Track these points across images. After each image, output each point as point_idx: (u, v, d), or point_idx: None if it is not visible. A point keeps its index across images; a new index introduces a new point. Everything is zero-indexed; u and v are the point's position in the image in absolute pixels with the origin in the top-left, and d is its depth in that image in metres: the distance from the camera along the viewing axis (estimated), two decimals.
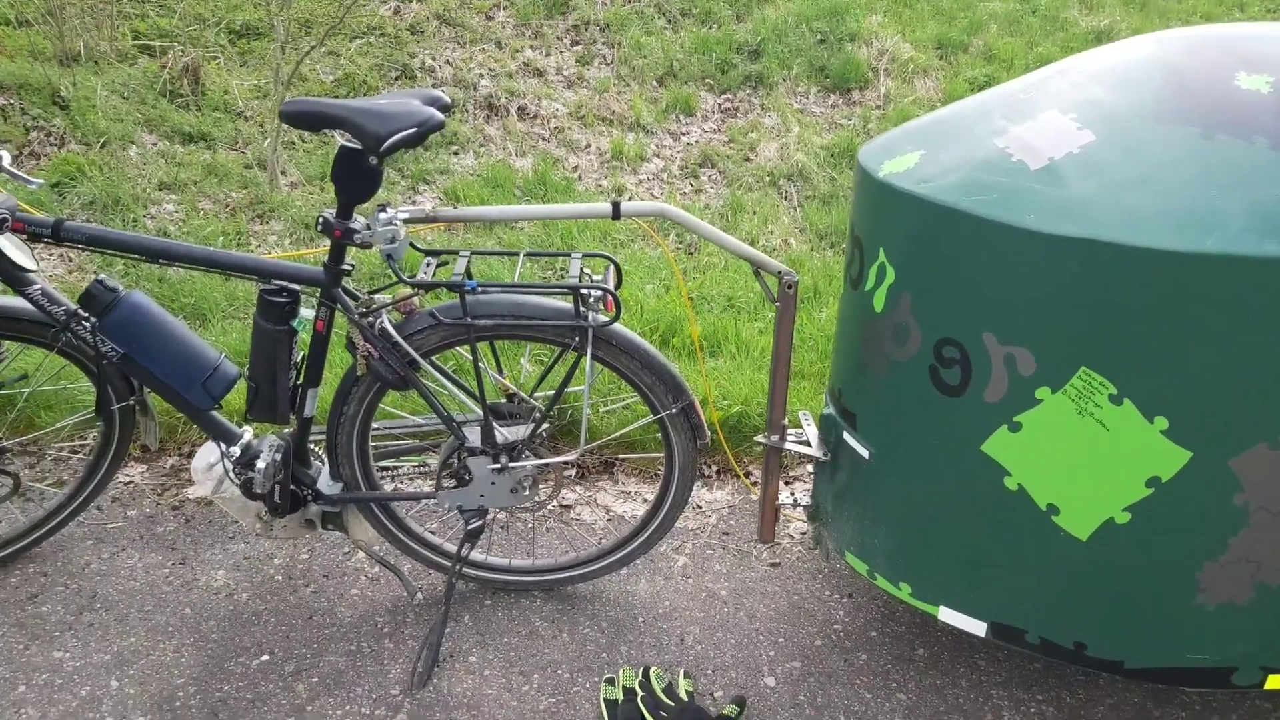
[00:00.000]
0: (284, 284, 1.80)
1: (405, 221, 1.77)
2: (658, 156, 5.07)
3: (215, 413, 1.94)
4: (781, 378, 1.98)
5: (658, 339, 3.18)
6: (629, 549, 2.13)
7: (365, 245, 1.75)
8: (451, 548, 2.12)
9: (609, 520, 2.44)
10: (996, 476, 1.68)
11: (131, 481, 2.48)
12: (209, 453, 1.97)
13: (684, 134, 5.28)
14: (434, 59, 5.52)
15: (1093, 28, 5.96)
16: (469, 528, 1.98)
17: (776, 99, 5.45)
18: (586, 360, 1.85)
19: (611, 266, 1.89)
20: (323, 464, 2.04)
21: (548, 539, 2.36)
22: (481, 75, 5.47)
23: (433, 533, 2.16)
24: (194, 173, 4.42)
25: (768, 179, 4.81)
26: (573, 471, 2.60)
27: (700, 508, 2.50)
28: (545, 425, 1.96)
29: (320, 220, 1.75)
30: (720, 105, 5.51)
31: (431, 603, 2.12)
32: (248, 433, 1.98)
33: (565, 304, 1.85)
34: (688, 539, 2.37)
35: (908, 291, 1.73)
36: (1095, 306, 1.51)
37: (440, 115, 1.68)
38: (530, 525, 2.40)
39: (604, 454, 2.65)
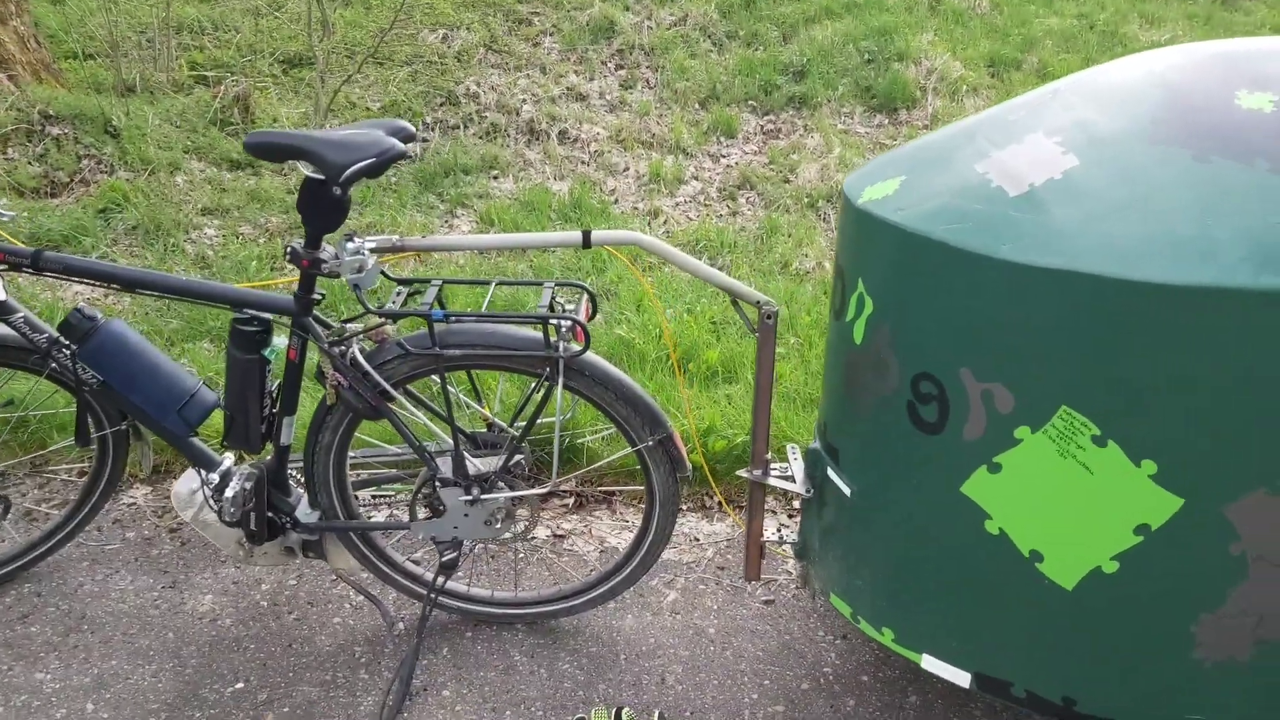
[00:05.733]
0: (256, 313, 1.81)
1: (372, 251, 1.76)
2: (696, 179, 5.03)
3: (195, 439, 1.95)
4: (763, 410, 1.91)
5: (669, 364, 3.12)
6: (612, 583, 2.07)
7: (333, 275, 1.75)
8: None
9: (600, 552, 2.39)
10: (977, 519, 1.59)
11: (134, 503, 2.51)
12: (190, 479, 1.98)
13: (724, 156, 5.23)
14: (478, 85, 5.58)
15: (1153, 43, 5.75)
16: (443, 559, 1.94)
17: (820, 120, 5.37)
18: (558, 391, 1.81)
19: (585, 296, 1.85)
20: (303, 492, 2.03)
21: (536, 570, 2.31)
22: (524, 100, 5.50)
23: (415, 562, 2.14)
24: (237, 198, 4.53)
25: (806, 201, 4.73)
26: (570, 501, 2.56)
27: (698, 540, 2.43)
28: (519, 456, 1.92)
29: (288, 250, 1.75)
30: (763, 127, 5.45)
31: (412, 634, 2.09)
32: (228, 460, 1.98)
33: (537, 333, 1.81)
34: (681, 573, 2.31)
35: (886, 323, 1.65)
36: (1075, 342, 1.42)
37: (401, 145, 1.67)
38: (517, 556, 2.35)
39: (591, 485, 2.60)
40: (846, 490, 1.79)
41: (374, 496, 2.09)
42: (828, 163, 4.99)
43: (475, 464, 1.89)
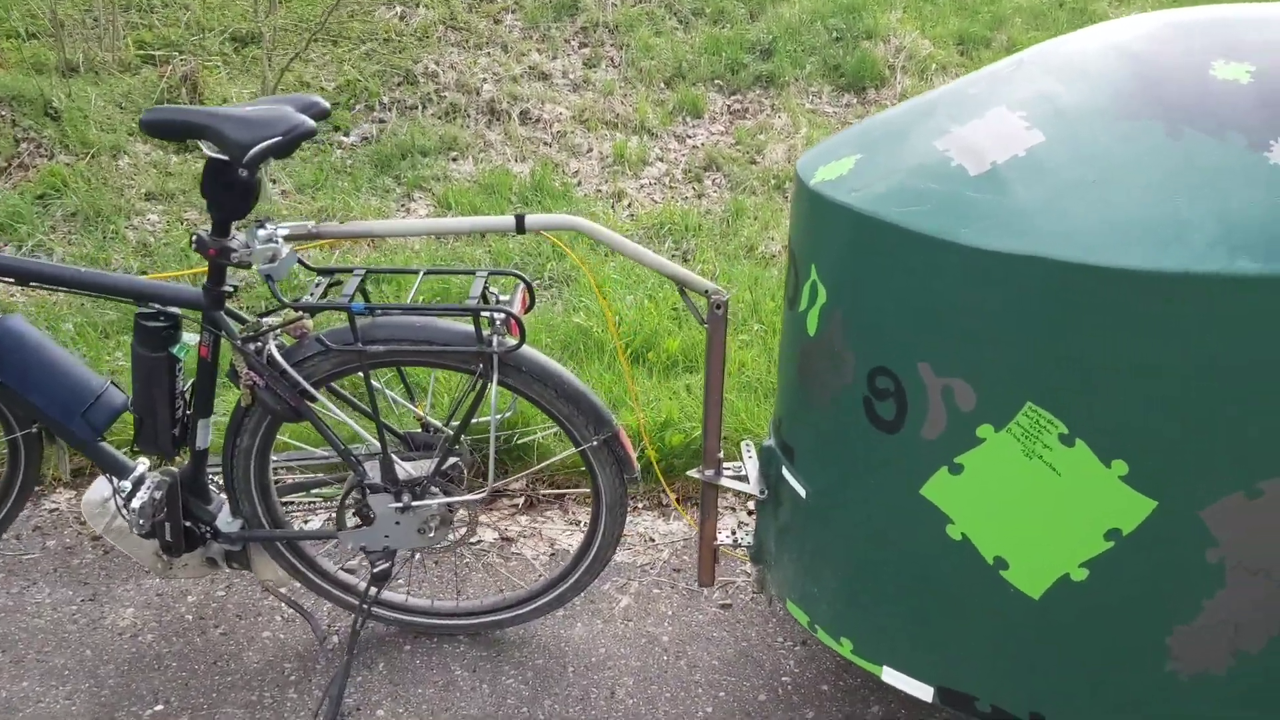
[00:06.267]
0: (161, 307, 1.67)
1: (286, 238, 1.63)
2: (661, 160, 4.89)
3: (104, 444, 1.82)
4: (715, 406, 1.79)
5: (631, 353, 3.00)
6: (559, 590, 1.96)
7: (244, 264, 1.61)
8: None
9: (550, 556, 2.27)
10: (938, 524, 1.48)
11: (57, 509, 2.37)
12: (101, 487, 1.85)
13: (690, 136, 5.09)
14: (437, 64, 5.41)
15: None
16: (374, 570, 1.82)
17: (787, 99, 5.24)
18: (492, 389, 1.69)
19: (521, 286, 1.73)
20: (224, 499, 1.90)
21: (481, 576, 2.19)
22: (485, 79, 5.34)
23: (350, 571, 2.02)
24: (183, 183, 4.35)
25: (773, 182, 4.61)
26: (520, 501, 2.44)
27: (653, 540, 2.31)
28: (454, 459, 1.80)
29: (195, 239, 1.61)
30: (729, 106, 5.31)
31: (344, 648, 1.97)
32: (142, 466, 1.85)
33: (468, 327, 1.68)
34: (635, 576, 2.19)
35: (840, 313, 1.54)
36: (1040, 334, 1.32)
37: (311, 122, 1.54)
38: (460, 563, 2.23)
39: (542, 484, 2.47)
40: (802, 491, 1.68)
41: (309, 502, 1.96)
42: (795, 143, 4.87)
43: (406, 468, 1.76)
